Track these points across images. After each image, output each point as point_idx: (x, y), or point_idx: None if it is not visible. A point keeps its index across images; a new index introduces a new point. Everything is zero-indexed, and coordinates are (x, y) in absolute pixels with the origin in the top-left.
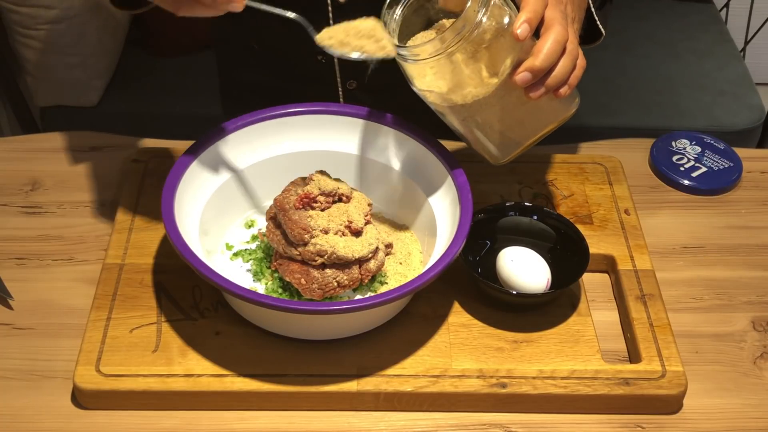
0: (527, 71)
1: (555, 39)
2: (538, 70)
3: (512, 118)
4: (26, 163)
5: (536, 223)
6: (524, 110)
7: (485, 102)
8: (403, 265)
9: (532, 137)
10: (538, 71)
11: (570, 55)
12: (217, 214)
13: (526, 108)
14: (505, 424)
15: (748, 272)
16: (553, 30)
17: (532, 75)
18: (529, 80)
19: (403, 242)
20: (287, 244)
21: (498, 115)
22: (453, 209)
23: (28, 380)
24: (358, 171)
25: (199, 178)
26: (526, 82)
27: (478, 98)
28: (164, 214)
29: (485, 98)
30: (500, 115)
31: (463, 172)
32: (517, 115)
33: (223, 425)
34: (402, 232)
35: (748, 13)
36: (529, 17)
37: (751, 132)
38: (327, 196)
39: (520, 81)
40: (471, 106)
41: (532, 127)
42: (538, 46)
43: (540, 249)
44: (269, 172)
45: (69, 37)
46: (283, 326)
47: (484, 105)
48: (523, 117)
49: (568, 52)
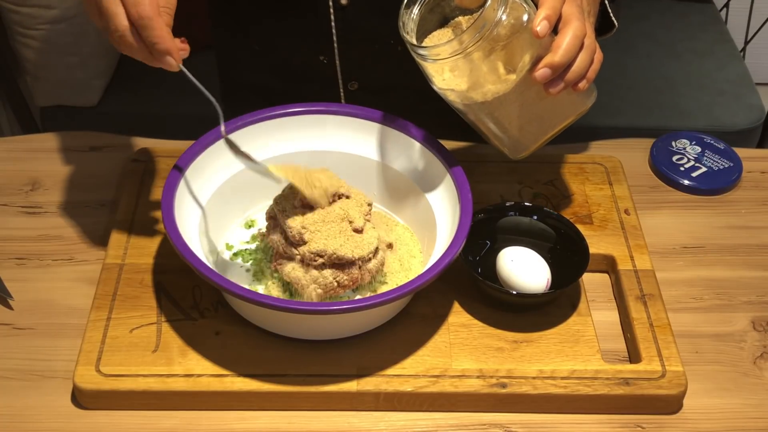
0: (547, 67)
1: (574, 34)
2: (557, 65)
3: (531, 114)
4: (26, 163)
5: (536, 223)
6: (543, 105)
7: (505, 99)
8: (403, 265)
9: (551, 131)
10: (557, 67)
11: (588, 50)
12: (217, 214)
13: (544, 103)
14: (505, 424)
15: (748, 272)
16: (571, 25)
17: (551, 71)
18: (549, 76)
19: (403, 242)
20: (287, 244)
21: (517, 111)
22: (453, 209)
23: (28, 380)
24: (358, 171)
25: (199, 178)
26: (545, 78)
27: (498, 95)
28: (164, 214)
29: (505, 95)
30: (519, 111)
31: (463, 171)
32: (536, 110)
33: (223, 425)
34: (402, 231)
35: (748, 13)
36: (548, 14)
37: (751, 132)
38: None
39: (539, 77)
40: (491, 103)
41: (550, 121)
42: (557, 42)
43: (540, 249)
44: None
45: (69, 37)
46: (283, 326)
47: (503, 101)
48: (542, 112)
49: (586, 47)
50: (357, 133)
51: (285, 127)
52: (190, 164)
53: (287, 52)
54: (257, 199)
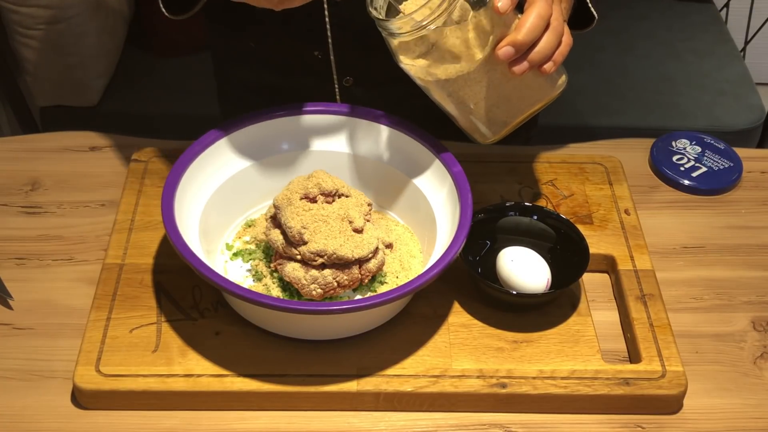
0: (509, 45)
1: (538, 14)
2: (520, 44)
3: (498, 95)
4: (26, 163)
5: (536, 223)
6: (510, 87)
7: (470, 77)
8: (403, 265)
9: (519, 116)
10: (520, 45)
11: (554, 31)
12: (217, 214)
13: (511, 85)
14: (505, 424)
15: (748, 272)
16: (536, 5)
17: (514, 49)
18: (512, 54)
19: (403, 242)
20: (287, 244)
21: (483, 91)
22: (453, 209)
23: (27, 380)
24: (357, 170)
25: (199, 178)
26: (508, 56)
27: (462, 73)
28: (164, 214)
29: (470, 74)
30: (485, 91)
31: (463, 171)
32: (502, 92)
33: (223, 425)
34: (402, 231)
35: (748, 13)
36: None
37: (751, 132)
38: (327, 195)
39: (502, 55)
40: (455, 81)
41: (518, 105)
42: (521, 21)
43: (540, 249)
44: (269, 172)
45: (69, 37)
46: (283, 326)
47: (468, 80)
48: (509, 94)
49: (552, 29)
50: (356, 133)
51: (284, 127)
52: (190, 164)
53: (282, 47)
54: (257, 200)
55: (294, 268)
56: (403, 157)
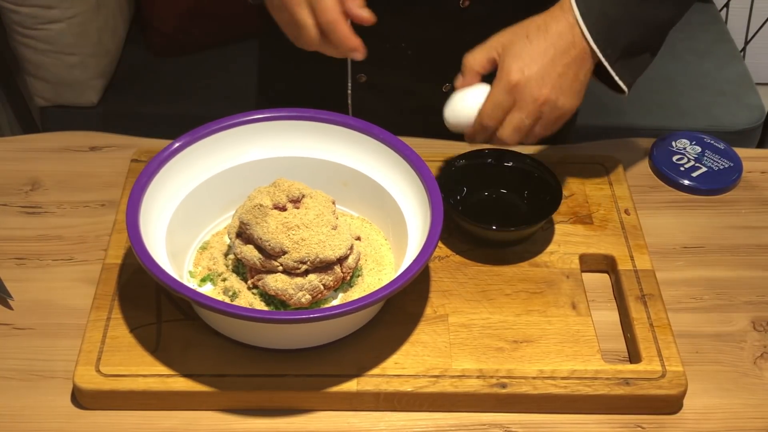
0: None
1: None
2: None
3: None
4: (26, 163)
5: (512, 167)
6: None
7: None
8: (375, 254)
9: None
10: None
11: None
12: (177, 242)
13: None
14: (505, 424)
15: (748, 272)
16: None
17: None
18: None
19: (365, 233)
20: (264, 258)
21: None
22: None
23: (27, 380)
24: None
25: (154, 209)
26: None
27: None
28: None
29: None
30: None
31: (412, 149)
32: None
33: (223, 425)
34: (360, 223)
35: (748, 13)
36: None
37: (751, 132)
38: (295, 201)
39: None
40: None
41: None
42: None
43: (517, 191)
44: (211, 192)
45: (69, 37)
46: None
47: None
48: None
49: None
50: (316, 138)
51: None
52: (144, 194)
53: None
54: (207, 221)
55: (276, 280)
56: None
